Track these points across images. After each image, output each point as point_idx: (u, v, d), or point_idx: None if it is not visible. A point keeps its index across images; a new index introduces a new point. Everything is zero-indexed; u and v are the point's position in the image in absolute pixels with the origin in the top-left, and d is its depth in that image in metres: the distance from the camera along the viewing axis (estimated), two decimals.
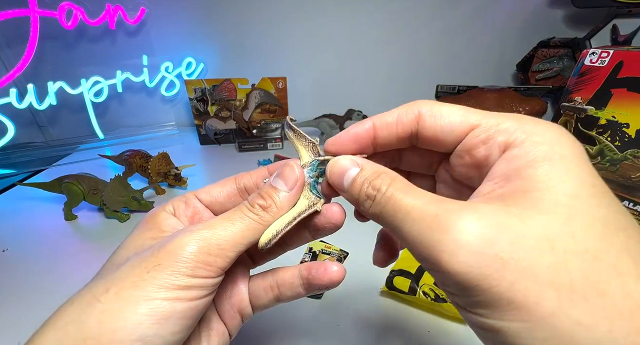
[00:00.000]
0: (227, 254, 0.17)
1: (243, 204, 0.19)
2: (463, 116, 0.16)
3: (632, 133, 0.49)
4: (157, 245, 0.17)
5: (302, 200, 0.20)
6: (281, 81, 0.84)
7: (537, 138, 0.14)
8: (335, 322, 0.34)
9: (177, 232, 0.18)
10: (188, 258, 0.16)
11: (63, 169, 0.76)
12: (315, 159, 0.21)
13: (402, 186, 0.16)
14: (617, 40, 0.75)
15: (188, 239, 0.17)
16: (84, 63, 0.87)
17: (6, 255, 0.46)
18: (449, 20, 0.92)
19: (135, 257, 0.17)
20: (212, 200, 0.23)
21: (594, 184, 0.13)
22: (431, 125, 0.18)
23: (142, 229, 0.20)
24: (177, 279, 0.16)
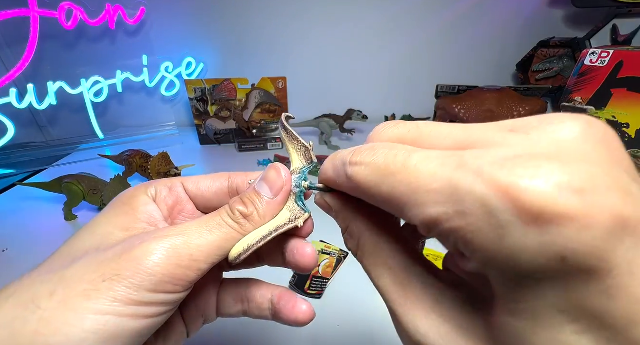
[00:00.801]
0: (200, 266, 0.15)
1: (223, 208, 0.17)
2: (402, 210, 0.12)
3: (632, 133, 0.49)
4: (121, 248, 0.14)
5: (284, 212, 0.18)
6: (281, 81, 0.84)
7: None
8: (335, 322, 0.34)
9: (145, 236, 0.15)
10: (153, 270, 0.14)
11: (63, 169, 0.76)
12: (306, 167, 0.19)
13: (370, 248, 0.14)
14: (617, 40, 0.75)
15: (156, 245, 0.14)
16: (84, 63, 0.87)
17: (6, 255, 0.46)
18: (449, 20, 0.92)
19: (94, 254, 0.15)
20: (198, 193, 0.21)
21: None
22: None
23: (116, 211, 0.18)
24: (137, 293, 0.13)
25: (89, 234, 0.16)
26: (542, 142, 0.09)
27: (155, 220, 0.18)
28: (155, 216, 0.18)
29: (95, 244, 0.16)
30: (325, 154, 0.80)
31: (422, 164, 0.10)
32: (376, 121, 0.81)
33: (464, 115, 0.63)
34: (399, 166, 0.11)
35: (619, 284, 0.08)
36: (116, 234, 0.16)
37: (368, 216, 0.15)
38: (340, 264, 0.42)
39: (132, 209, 0.18)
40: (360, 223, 0.15)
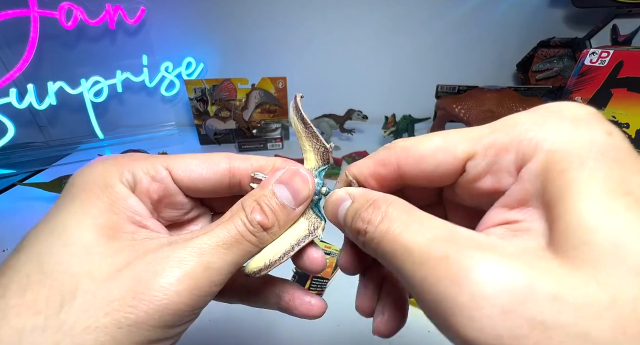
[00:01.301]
0: (218, 289, 0.14)
1: (238, 216, 0.15)
2: (447, 150, 0.13)
3: (632, 133, 0.49)
4: (131, 284, 0.12)
5: (301, 221, 0.16)
6: (281, 81, 0.84)
7: (548, 143, 0.11)
8: (335, 322, 0.34)
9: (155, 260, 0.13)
10: (174, 309, 0.12)
11: (63, 169, 0.76)
12: (322, 167, 0.17)
13: (400, 214, 0.12)
14: (617, 40, 0.75)
15: (174, 279, 0.12)
16: (84, 63, 0.87)
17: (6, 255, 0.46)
18: (449, 20, 0.92)
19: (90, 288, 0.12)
20: (190, 185, 0.17)
21: (628, 192, 0.09)
22: (414, 172, 0.14)
23: (89, 208, 0.14)
24: (158, 333, 0.12)
25: (58, 243, 0.13)
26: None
27: (141, 218, 0.15)
28: (139, 211, 0.15)
29: (80, 261, 0.12)
30: None
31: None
32: (376, 121, 0.81)
33: (464, 115, 0.63)
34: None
35: None
36: (100, 244, 0.13)
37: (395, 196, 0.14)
38: None
39: (110, 204, 0.14)
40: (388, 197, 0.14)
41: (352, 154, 0.79)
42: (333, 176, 0.68)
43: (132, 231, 0.14)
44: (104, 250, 0.13)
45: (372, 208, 0.13)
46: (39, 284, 0.12)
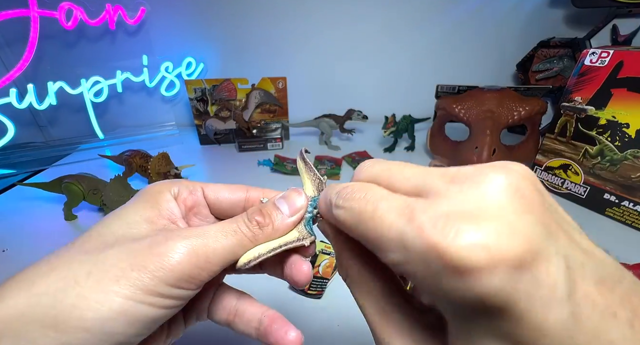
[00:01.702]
0: (213, 268, 0.17)
1: (240, 217, 0.19)
2: (377, 250, 0.15)
3: (632, 133, 0.49)
4: (149, 243, 0.16)
5: (293, 232, 0.20)
6: (281, 81, 0.84)
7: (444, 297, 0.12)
8: (335, 322, 0.34)
9: (169, 233, 0.17)
10: (174, 267, 0.16)
11: (63, 169, 0.76)
12: (317, 196, 0.21)
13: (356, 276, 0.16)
14: (617, 40, 0.75)
15: (179, 244, 0.16)
16: (84, 63, 0.87)
17: (6, 255, 0.46)
18: (449, 20, 0.92)
19: (125, 243, 0.16)
20: (215, 201, 0.22)
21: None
22: None
23: (142, 204, 0.20)
24: (158, 286, 0.15)
25: (118, 221, 0.18)
26: (472, 199, 0.11)
27: (174, 217, 0.20)
28: (175, 213, 0.20)
29: (123, 232, 0.18)
30: (326, 154, 0.80)
31: (385, 215, 0.12)
32: (376, 121, 0.81)
33: (464, 115, 0.63)
34: (368, 215, 0.13)
35: (522, 313, 0.10)
36: (142, 225, 0.18)
37: (356, 249, 0.17)
38: None
39: (157, 203, 0.20)
40: (349, 254, 0.17)
41: (352, 154, 0.79)
42: (334, 176, 0.68)
43: (164, 224, 0.19)
44: (141, 226, 0.18)
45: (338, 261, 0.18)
46: (95, 239, 0.17)
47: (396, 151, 0.81)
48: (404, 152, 0.81)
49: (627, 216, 0.51)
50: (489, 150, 0.57)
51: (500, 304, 0.10)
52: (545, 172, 0.61)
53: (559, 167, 0.59)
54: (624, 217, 0.51)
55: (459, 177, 0.12)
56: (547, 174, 0.61)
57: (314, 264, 0.42)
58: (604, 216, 0.54)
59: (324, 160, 0.75)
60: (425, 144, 0.74)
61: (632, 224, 0.51)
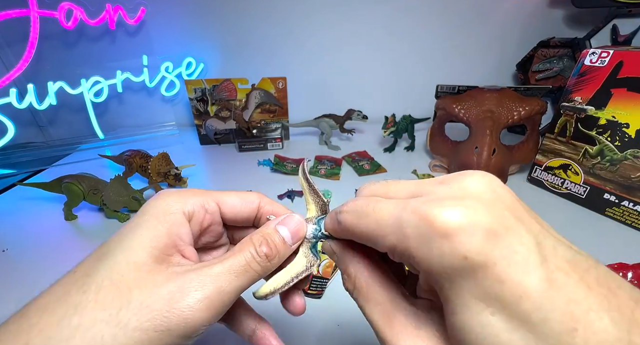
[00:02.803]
0: (226, 308, 0.18)
1: (249, 251, 0.19)
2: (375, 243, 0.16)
3: (632, 133, 0.49)
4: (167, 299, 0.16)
5: (300, 258, 0.21)
6: (281, 81, 0.84)
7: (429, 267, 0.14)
8: (335, 322, 0.34)
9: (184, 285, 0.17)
10: (196, 324, 0.16)
11: (63, 169, 0.76)
12: (321, 216, 0.22)
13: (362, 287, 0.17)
14: (617, 40, 0.75)
15: (197, 299, 0.16)
16: (84, 63, 0.87)
17: (6, 255, 0.46)
18: (449, 20, 0.92)
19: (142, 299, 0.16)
20: (231, 216, 0.22)
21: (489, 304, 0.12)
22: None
23: (149, 228, 0.18)
24: (180, 339, 0.16)
25: (123, 257, 0.17)
26: (456, 190, 0.14)
27: (182, 245, 0.19)
28: (184, 240, 0.20)
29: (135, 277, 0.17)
30: (326, 154, 0.80)
31: (383, 208, 0.15)
32: (376, 121, 0.81)
33: (464, 115, 0.63)
34: (369, 210, 0.15)
35: (502, 272, 0.11)
36: (152, 268, 0.17)
37: (363, 260, 0.18)
38: None
39: (166, 229, 0.19)
40: (357, 265, 0.18)
41: (352, 154, 0.79)
42: (334, 176, 0.68)
43: (172, 254, 0.19)
44: (151, 269, 0.17)
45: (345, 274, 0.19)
46: (108, 288, 0.16)
47: (396, 151, 0.81)
48: (404, 152, 0.81)
49: (627, 216, 0.51)
50: (489, 150, 0.57)
51: (482, 264, 0.11)
52: (545, 172, 0.61)
53: (559, 167, 0.59)
54: (623, 217, 0.51)
55: (446, 179, 0.15)
56: (547, 174, 0.61)
57: None
58: (603, 216, 0.54)
59: (324, 160, 0.75)
60: (425, 144, 0.74)
61: (632, 224, 0.51)
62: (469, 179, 0.14)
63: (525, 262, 0.11)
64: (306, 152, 0.81)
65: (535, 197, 0.60)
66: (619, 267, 0.41)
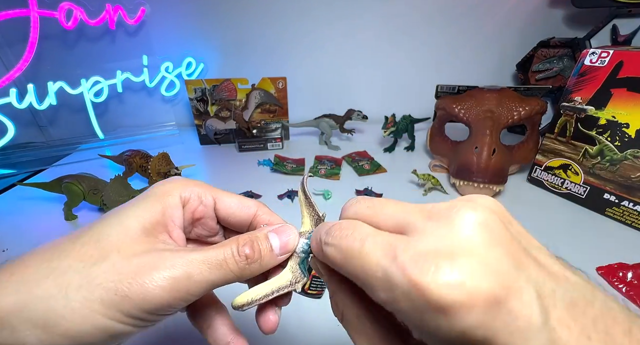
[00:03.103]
0: (192, 298, 0.17)
1: (229, 246, 0.18)
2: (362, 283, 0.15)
3: (632, 133, 0.49)
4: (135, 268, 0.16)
5: (287, 273, 0.20)
6: (281, 81, 0.84)
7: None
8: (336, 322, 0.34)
9: (157, 261, 0.17)
10: (155, 298, 0.16)
11: (63, 169, 0.76)
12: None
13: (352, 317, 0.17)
14: (617, 40, 0.75)
15: (163, 277, 0.16)
16: (84, 63, 0.87)
17: (6, 255, 0.46)
18: (449, 20, 0.92)
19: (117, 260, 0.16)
20: (225, 215, 0.22)
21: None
22: None
23: (145, 208, 0.19)
24: (138, 312, 0.16)
25: (117, 226, 0.18)
26: (446, 236, 0.13)
27: (172, 226, 0.20)
28: (175, 222, 0.20)
29: (119, 242, 0.17)
30: (326, 154, 0.80)
31: (371, 253, 0.14)
32: (376, 121, 0.81)
33: (464, 115, 0.63)
34: (355, 253, 0.14)
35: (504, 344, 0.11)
36: (138, 237, 0.18)
37: (350, 289, 0.17)
38: None
39: (161, 208, 0.20)
40: (344, 296, 0.17)
41: (352, 154, 0.79)
42: (334, 176, 0.68)
43: (160, 232, 0.19)
44: (136, 238, 0.18)
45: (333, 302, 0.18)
46: (93, 244, 0.17)
47: (396, 151, 0.81)
48: (404, 152, 0.81)
49: (627, 216, 0.51)
50: (489, 150, 0.57)
51: (482, 338, 0.11)
52: (545, 172, 0.61)
53: (559, 167, 0.59)
54: (623, 217, 0.51)
55: (435, 214, 0.14)
56: (547, 174, 0.61)
57: None
58: (603, 216, 0.54)
59: (324, 160, 0.75)
60: (425, 144, 0.74)
61: (632, 224, 0.51)
62: (458, 219, 0.13)
63: (527, 326, 0.11)
64: (306, 152, 0.81)
65: (535, 197, 0.60)
66: (619, 267, 0.41)
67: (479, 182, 0.57)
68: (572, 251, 0.46)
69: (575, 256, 0.44)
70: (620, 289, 0.39)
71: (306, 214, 0.22)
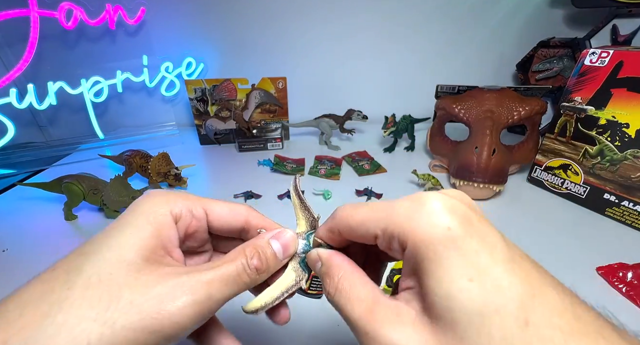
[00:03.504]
0: (211, 315, 0.18)
1: (240, 262, 0.19)
2: (366, 228, 0.17)
3: (632, 133, 0.49)
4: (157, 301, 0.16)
5: (290, 273, 0.21)
6: (281, 81, 0.84)
7: (413, 236, 0.14)
8: (335, 322, 0.34)
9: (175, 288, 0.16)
10: (184, 327, 0.16)
11: (63, 169, 0.76)
12: (310, 232, 0.22)
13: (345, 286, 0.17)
14: (617, 40, 0.75)
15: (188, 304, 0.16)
16: (84, 63, 0.87)
17: (6, 255, 0.46)
18: (449, 20, 0.92)
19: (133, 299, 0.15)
20: (218, 226, 0.22)
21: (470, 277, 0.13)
22: (349, 236, 0.19)
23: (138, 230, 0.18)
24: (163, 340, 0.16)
25: (114, 258, 0.17)
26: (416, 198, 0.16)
27: (170, 247, 0.19)
28: (172, 242, 0.20)
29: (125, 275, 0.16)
30: (326, 154, 0.80)
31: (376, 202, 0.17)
32: (376, 121, 0.81)
33: (464, 115, 0.63)
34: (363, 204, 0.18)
35: (476, 245, 0.14)
36: (143, 268, 0.17)
37: (347, 264, 0.18)
38: None
39: (157, 229, 0.19)
40: (341, 269, 0.18)
41: (352, 154, 0.79)
42: (333, 176, 0.68)
43: (162, 255, 0.19)
44: (142, 269, 0.17)
45: (328, 278, 0.18)
46: (96, 285, 0.16)
47: (396, 151, 0.81)
48: (404, 152, 0.81)
49: (627, 216, 0.51)
50: (489, 150, 0.57)
51: (460, 234, 0.14)
52: (545, 172, 0.61)
53: (559, 167, 0.59)
54: (623, 217, 0.51)
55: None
56: (546, 174, 0.61)
57: None
58: (603, 216, 0.54)
59: (324, 160, 0.75)
60: (425, 144, 0.74)
61: (632, 224, 0.51)
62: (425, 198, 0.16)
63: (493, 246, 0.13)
64: (306, 152, 0.81)
65: (535, 197, 0.60)
66: (619, 267, 0.41)
67: (479, 182, 0.57)
68: (572, 251, 0.46)
69: (575, 256, 0.44)
70: (620, 289, 0.39)
71: (301, 217, 0.23)
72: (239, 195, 0.60)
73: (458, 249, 0.13)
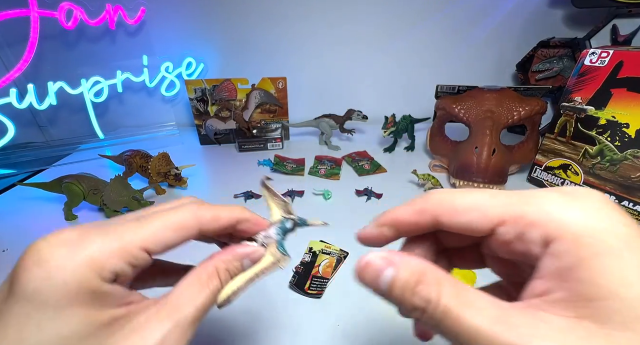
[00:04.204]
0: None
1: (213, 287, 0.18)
2: (480, 211, 0.14)
3: (632, 133, 0.49)
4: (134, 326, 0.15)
5: (267, 257, 0.21)
6: (281, 81, 0.84)
7: (575, 227, 0.12)
8: (335, 322, 0.34)
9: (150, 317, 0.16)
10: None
11: (63, 169, 0.76)
12: (284, 217, 0.23)
13: (455, 292, 0.13)
14: (617, 40, 0.75)
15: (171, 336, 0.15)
16: (84, 63, 0.87)
17: (6, 255, 0.46)
18: (448, 20, 0.92)
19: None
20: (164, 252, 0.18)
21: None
22: (449, 223, 0.15)
23: (66, 321, 0.14)
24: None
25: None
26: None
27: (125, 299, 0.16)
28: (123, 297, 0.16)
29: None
30: (326, 154, 0.80)
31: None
32: (376, 121, 0.81)
33: (464, 115, 0.63)
34: (468, 189, 0.17)
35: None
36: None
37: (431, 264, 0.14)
38: (340, 264, 0.42)
39: (98, 307, 0.15)
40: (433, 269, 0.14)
41: (352, 154, 0.79)
42: (333, 176, 0.68)
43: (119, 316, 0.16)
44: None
45: (425, 283, 0.13)
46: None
47: (396, 151, 0.81)
48: (404, 152, 0.81)
49: None
50: (489, 150, 0.57)
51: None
52: (545, 172, 0.61)
53: (559, 167, 0.59)
54: None
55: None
56: (546, 174, 0.61)
57: (313, 264, 0.42)
58: None
59: (324, 160, 0.75)
60: (425, 144, 0.74)
61: None
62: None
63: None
64: (306, 152, 0.81)
65: None
66: None
67: (478, 182, 0.57)
68: None
69: None
70: None
71: (273, 205, 0.24)
72: (239, 195, 0.60)
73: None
